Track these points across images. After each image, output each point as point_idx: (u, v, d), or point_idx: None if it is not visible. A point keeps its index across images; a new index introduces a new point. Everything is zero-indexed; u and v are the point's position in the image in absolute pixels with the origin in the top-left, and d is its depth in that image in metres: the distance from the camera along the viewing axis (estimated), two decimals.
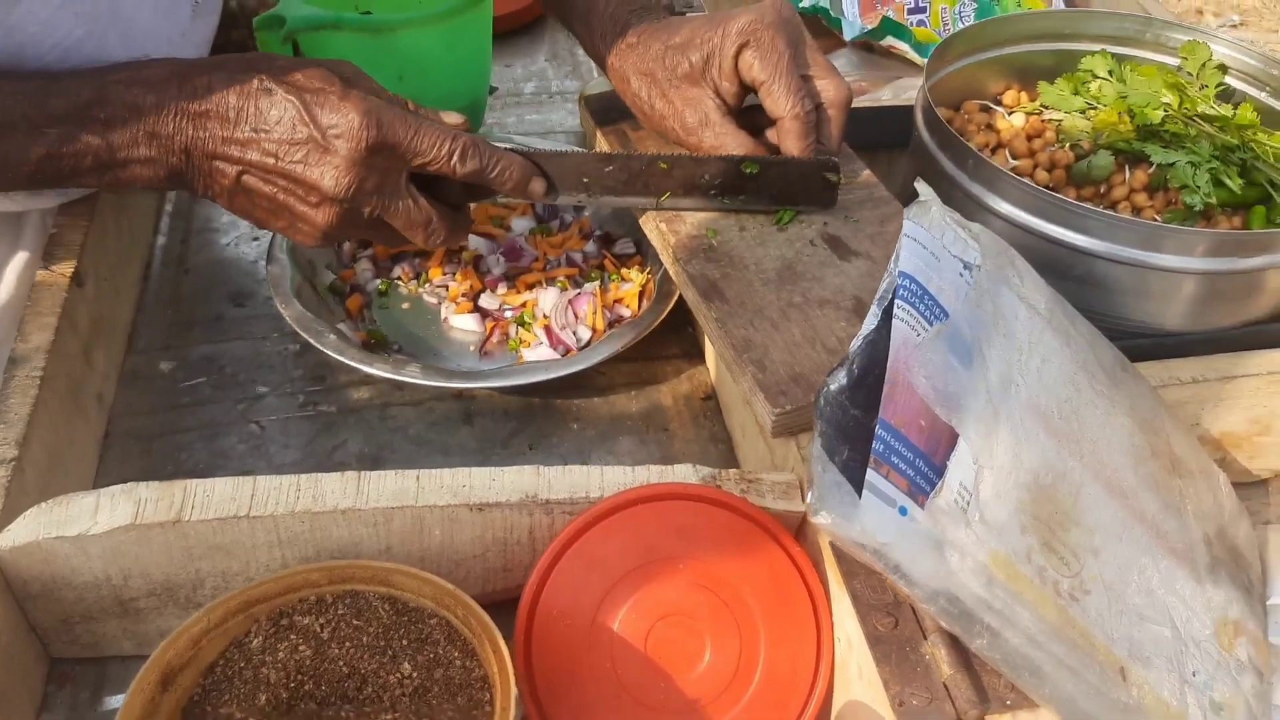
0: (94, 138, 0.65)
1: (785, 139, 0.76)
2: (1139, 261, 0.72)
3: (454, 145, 0.68)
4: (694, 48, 0.76)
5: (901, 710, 0.53)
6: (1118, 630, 0.57)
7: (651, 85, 0.79)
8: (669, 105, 0.79)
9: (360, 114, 0.65)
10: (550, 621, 0.58)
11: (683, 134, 0.79)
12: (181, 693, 0.52)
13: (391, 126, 0.66)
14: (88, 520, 0.57)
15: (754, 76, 0.75)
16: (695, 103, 0.78)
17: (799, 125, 0.75)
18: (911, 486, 0.54)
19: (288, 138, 0.65)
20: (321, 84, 0.66)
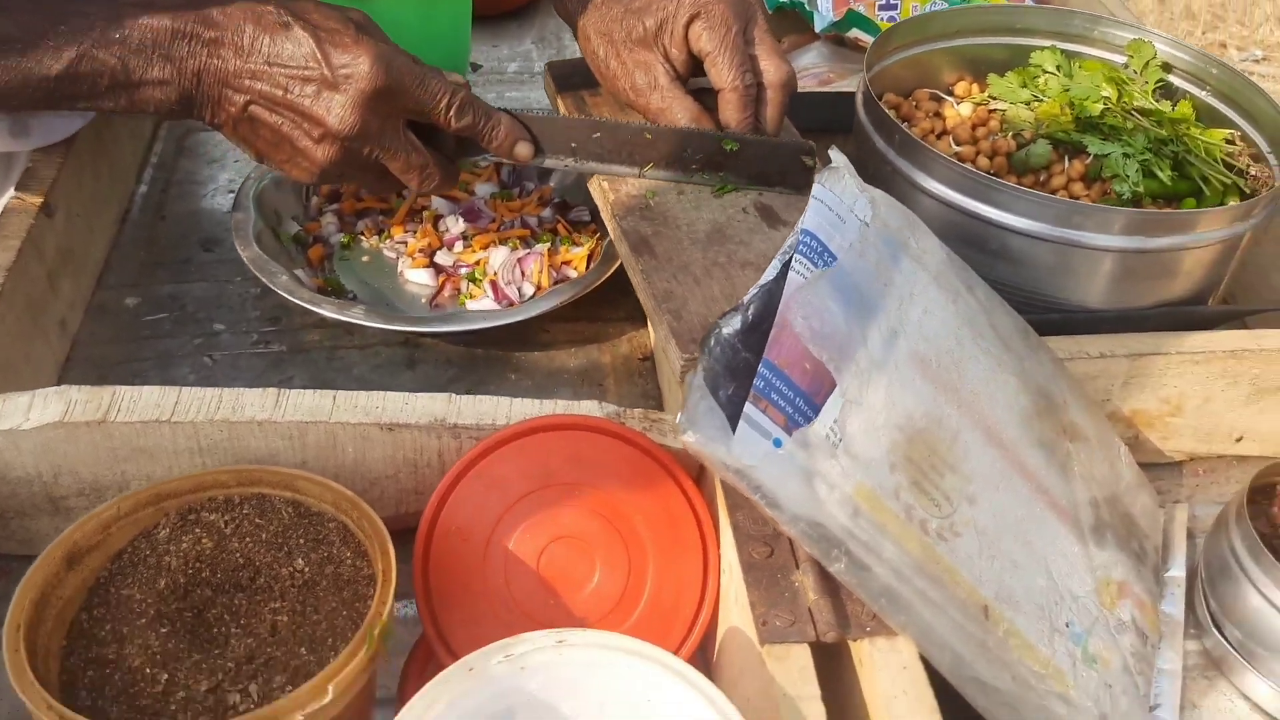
0: (110, 58, 0.67)
1: (725, 110, 0.79)
2: (1058, 238, 0.74)
3: (453, 99, 0.72)
4: (650, 13, 0.80)
5: (764, 630, 0.56)
6: (986, 573, 0.59)
7: (608, 45, 0.83)
8: (622, 66, 0.83)
9: (371, 58, 0.68)
10: (449, 538, 0.61)
11: (632, 95, 0.83)
12: (88, 573, 0.56)
13: (400, 73, 0.70)
14: (20, 416, 0.61)
15: (701, 47, 0.79)
16: (646, 66, 0.82)
17: (737, 97, 0.78)
18: (789, 422, 0.57)
19: (299, 73, 0.69)
20: (337, 25, 0.69)
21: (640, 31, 0.81)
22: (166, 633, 0.54)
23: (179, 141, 1.03)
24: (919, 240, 0.64)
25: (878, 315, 0.58)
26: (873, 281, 0.59)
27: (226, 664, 0.52)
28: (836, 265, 0.58)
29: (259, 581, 0.56)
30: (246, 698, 0.51)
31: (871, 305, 0.58)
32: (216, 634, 0.54)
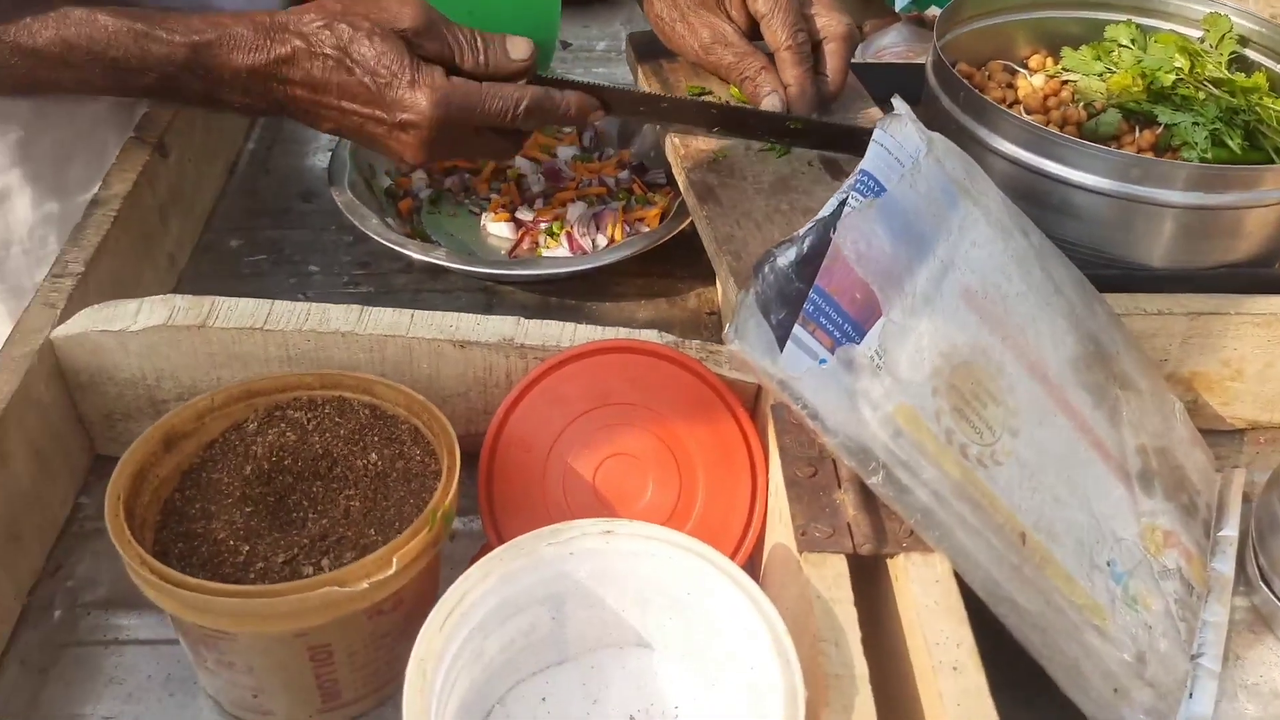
0: (195, 83, 0.74)
1: (782, 69, 0.82)
2: (1119, 193, 0.75)
3: (515, 110, 0.75)
4: None
5: (803, 540, 0.58)
6: (1026, 504, 0.61)
7: (673, 8, 0.87)
8: (689, 28, 0.87)
9: (428, 103, 0.72)
10: (511, 449, 0.65)
11: (702, 54, 0.86)
12: (183, 457, 0.61)
13: (457, 107, 0.73)
14: (129, 319, 0.67)
15: (757, 9, 0.82)
16: (712, 26, 0.85)
17: (792, 55, 0.81)
18: (835, 345, 0.59)
19: (370, 114, 0.74)
20: (393, 65, 0.72)
21: None
22: (250, 512, 0.58)
23: None
24: (974, 182, 0.66)
25: (926, 245, 0.61)
26: (923, 212, 0.61)
27: (302, 540, 0.57)
28: (886, 195, 0.60)
29: (335, 471, 0.60)
30: (319, 570, 0.55)
31: (920, 234, 0.61)
32: (295, 516, 0.59)
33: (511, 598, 0.55)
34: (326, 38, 0.72)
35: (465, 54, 0.75)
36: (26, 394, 0.64)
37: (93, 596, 0.66)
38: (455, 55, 0.75)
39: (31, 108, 0.89)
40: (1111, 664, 0.61)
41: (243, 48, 0.72)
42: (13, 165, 0.90)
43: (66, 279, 0.71)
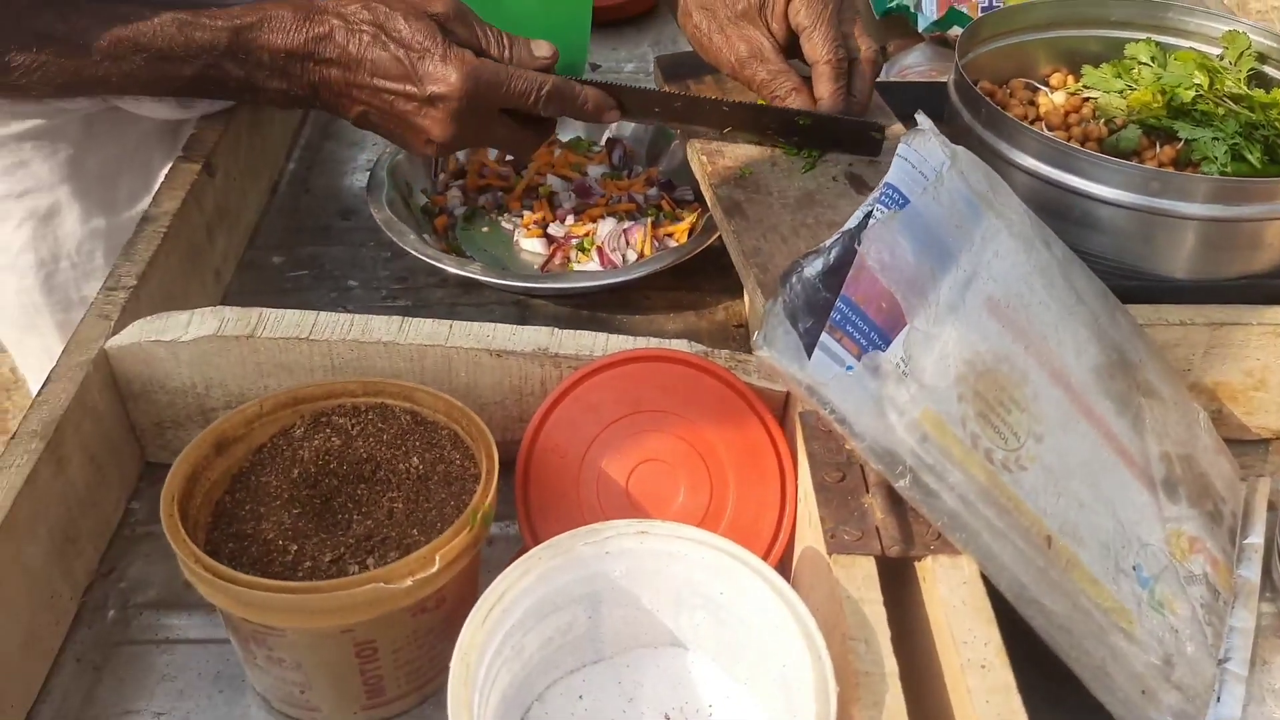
0: (235, 69, 0.78)
1: (819, 82, 0.84)
2: (1140, 206, 0.77)
3: (539, 93, 0.79)
4: None
5: (833, 542, 0.60)
6: (1052, 508, 0.62)
7: (711, 20, 0.89)
8: (725, 39, 0.89)
9: (459, 76, 0.76)
10: (546, 455, 0.67)
11: (738, 67, 0.89)
12: (233, 461, 0.63)
13: (486, 83, 0.77)
14: (180, 330, 0.69)
15: (799, 22, 0.84)
16: (750, 39, 0.87)
17: (831, 70, 0.83)
18: (862, 352, 0.61)
19: (401, 90, 0.77)
20: (424, 39, 0.76)
21: (743, 6, 0.87)
22: (298, 514, 0.61)
23: (324, 127, 1.14)
24: (997, 195, 0.68)
25: (950, 255, 0.62)
26: (946, 223, 0.63)
27: (348, 540, 0.59)
28: (909, 207, 0.62)
29: (379, 475, 0.63)
30: (364, 568, 0.58)
31: (944, 245, 0.62)
32: (340, 518, 0.61)
33: (549, 596, 0.56)
34: (364, 15, 0.76)
35: (492, 45, 0.79)
36: (83, 401, 0.67)
37: (144, 598, 0.68)
38: (483, 44, 0.79)
39: (81, 126, 0.92)
40: (1138, 666, 0.62)
41: (282, 29, 0.76)
42: (62, 182, 0.93)
43: (120, 291, 0.74)
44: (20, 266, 0.95)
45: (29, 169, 0.91)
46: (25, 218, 0.93)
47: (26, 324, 1.00)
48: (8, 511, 0.59)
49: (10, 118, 0.88)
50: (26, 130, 0.90)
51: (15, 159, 0.91)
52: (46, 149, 0.91)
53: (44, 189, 0.92)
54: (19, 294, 0.97)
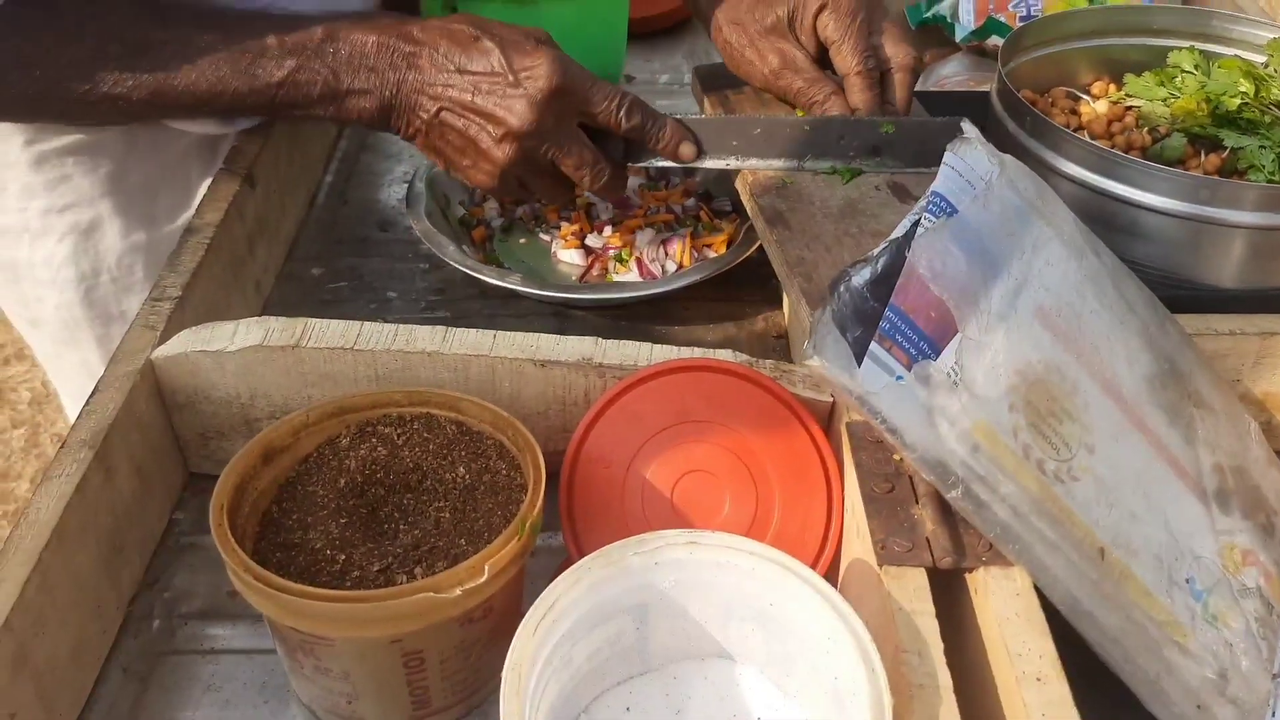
0: (323, 68, 0.78)
1: (851, 93, 0.84)
2: (1188, 214, 0.76)
3: (623, 100, 0.80)
4: (781, 3, 0.86)
5: (883, 553, 0.59)
6: (1104, 519, 0.61)
7: (742, 33, 0.89)
8: (757, 53, 0.89)
9: (550, 61, 0.76)
10: (591, 465, 0.67)
11: (772, 79, 0.88)
12: (279, 471, 0.63)
13: (575, 76, 0.78)
14: (226, 340, 0.70)
15: (827, 35, 0.84)
16: (782, 51, 0.87)
17: (861, 80, 0.83)
18: (911, 362, 0.61)
19: (486, 78, 0.77)
20: (519, 37, 0.78)
21: (772, 20, 0.87)
22: (345, 523, 0.61)
23: (361, 139, 1.14)
24: (1046, 203, 0.67)
25: (1000, 263, 0.62)
26: (997, 232, 0.63)
27: (396, 550, 0.59)
28: (959, 215, 0.62)
29: (425, 484, 0.62)
30: (412, 578, 0.57)
31: (994, 254, 0.62)
32: (387, 527, 0.61)
33: (599, 606, 0.56)
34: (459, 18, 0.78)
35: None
36: (130, 411, 0.67)
37: (189, 608, 0.68)
38: None
39: (123, 141, 0.93)
40: (1193, 680, 0.61)
41: (374, 25, 0.77)
42: (103, 196, 0.94)
43: (165, 302, 0.74)
44: (61, 281, 0.96)
45: (71, 184, 0.92)
46: (67, 232, 0.94)
47: (66, 338, 1.01)
48: (59, 519, 0.59)
49: (54, 133, 0.89)
50: (69, 145, 0.90)
51: (58, 174, 0.91)
52: (88, 164, 0.92)
53: (85, 204, 0.93)
54: (59, 308, 0.98)
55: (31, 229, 0.94)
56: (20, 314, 1.03)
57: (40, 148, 0.90)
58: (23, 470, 2.18)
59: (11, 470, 2.18)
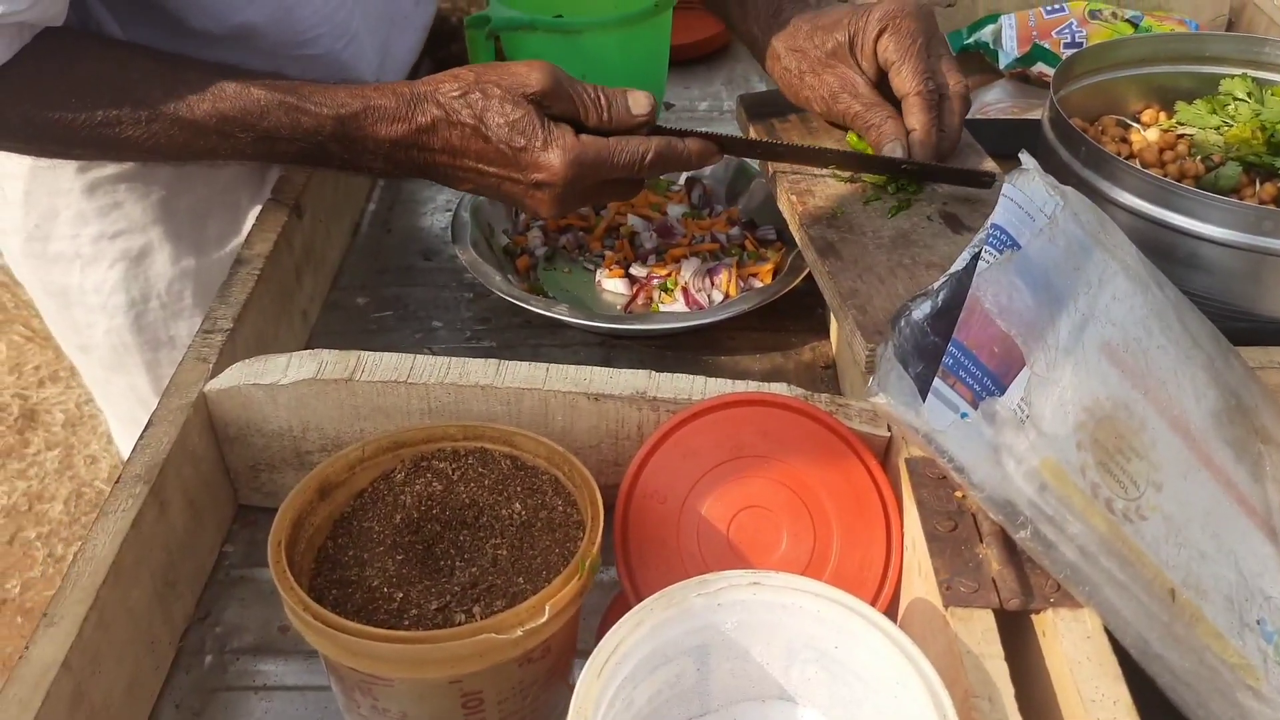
0: (340, 150, 0.78)
1: (909, 114, 0.83)
2: (1247, 245, 0.75)
3: (641, 161, 0.78)
4: (840, 28, 0.86)
5: (948, 594, 0.58)
6: (1174, 559, 0.60)
7: (801, 59, 0.89)
8: (818, 78, 0.88)
9: (562, 163, 0.75)
10: (646, 500, 0.66)
11: (831, 103, 0.88)
12: (335, 506, 0.63)
13: (587, 165, 0.76)
14: (279, 373, 0.69)
15: (888, 57, 0.84)
16: (842, 76, 0.87)
17: (921, 100, 0.82)
18: (976, 399, 0.60)
19: (506, 176, 0.77)
20: (525, 130, 0.75)
21: (832, 45, 0.87)
22: (401, 560, 0.60)
23: None
24: (1109, 235, 0.66)
25: (1066, 298, 0.61)
26: (1062, 266, 0.62)
27: (453, 588, 0.58)
28: (1023, 250, 0.61)
29: (481, 520, 0.62)
30: (470, 617, 0.57)
31: (1060, 288, 0.61)
32: (444, 564, 0.60)
33: (661, 647, 0.55)
34: (463, 107, 0.75)
35: (590, 111, 0.78)
36: (183, 445, 0.67)
37: (240, 643, 0.68)
38: (581, 113, 0.78)
39: (174, 169, 0.93)
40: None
41: (386, 119, 0.76)
42: (154, 223, 0.94)
43: (216, 335, 0.74)
44: (111, 307, 0.97)
45: (122, 210, 0.93)
46: (118, 258, 0.95)
47: (115, 363, 1.01)
48: (116, 556, 0.58)
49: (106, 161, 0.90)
50: (121, 172, 0.91)
51: (110, 200, 0.92)
52: (140, 190, 0.92)
53: (137, 230, 0.94)
54: (108, 334, 0.99)
55: (83, 255, 0.95)
56: (70, 339, 1.03)
57: (93, 175, 0.91)
58: (56, 492, 2.19)
59: (46, 492, 2.19)
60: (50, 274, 0.98)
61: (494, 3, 1.03)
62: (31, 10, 0.69)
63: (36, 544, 2.08)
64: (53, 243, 0.95)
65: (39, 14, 0.70)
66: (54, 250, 0.95)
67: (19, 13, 0.68)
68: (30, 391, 2.39)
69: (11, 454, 2.26)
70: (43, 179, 0.92)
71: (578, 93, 0.78)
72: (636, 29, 1.03)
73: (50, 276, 0.98)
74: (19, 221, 0.95)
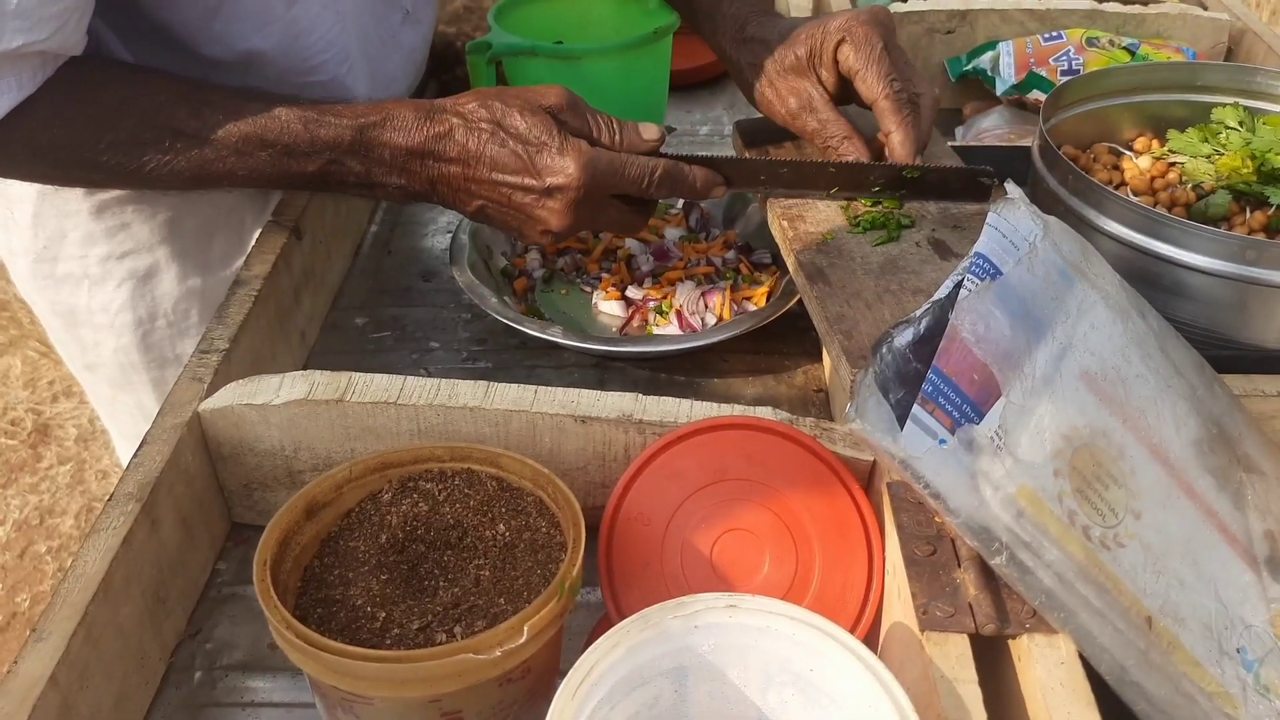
0: (356, 165, 0.80)
1: (882, 118, 0.84)
2: (1234, 275, 0.75)
3: (650, 178, 0.80)
4: (799, 43, 0.87)
5: (925, 618, 0.58)
6: (1152, 587, 0.60)
7: (761, 75, 0.90)
8: (775, 93, 0.89)
9: (577, 165, 0.77)
10: (631, 522, 0.67)
11: (789, 118, 0.89)
12: (322, 526, 0.64)
13: (601, 173, 0.78)
14: (272, 393, 0.71)
15: (849, 66, 0.85)
16: (799, 91, 0.88)
17: (890, 103, 0.83)
18: (954, 425, 0.60)
19: (519, 184, 0.78)
20: (541, 133, 0.78)
21: (791, 59, 0.88)
22: (385, 580, 0.61)
23: None
24: (1091, 264, 0.67)
25: (1045, 327, 0.62)
26: (1041, 295, 0.62)
27: (435, 608, 0.59)
28: (1003, 278, 0.61)
29: (465, 541, 0.63)
30: (451, 637, 0.58)
31: (1038, 317, 0.62)
32: (427, 584, 0.61)
33: (637, 669, 0.56)
34: (481, 113, 0.78)
35: (602, 131, 0.80)
36: (176, 464, 0.68)
37: (230, 659, 0.69)
38: (593, 132, 0.80)
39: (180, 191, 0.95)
40: None
41: (404, 127, 0.78)
42: (161, 243, 0.96)
43: (212, 355, 0.75)
44: (118, 325, 0.98)
45: (130, 231, 0.94)
46: (125, 278, 0.96)
47: (122, 381, 1.03)
48: (105, 573, 0.60)
49: None
50: (129, 194, 0.93)
51: (118, 221, 0.94)
52: (147, 211, 0.94)
53: (144, 250, 0.96)
54: (116, 352, 1.00)
55: (91, 275, 0.96)
56: (77, 358, 1.05)
57: (101, 196, 0.93)
58: (68, 506, 2.21)
59: (57, 506, 2.21)
60: (58, 294, 1.00)
61: (495, 28, 1.04)
62: (52, 40, 0.71)
63: (47, 558, 2.10)
64: (61, 263, 0.97)
65: (59, 43, 0.72)
66: (62, 271, 0.97)
67: (40, 42, 0.70)
68: (44, 406, 2.42)
69: (24, 468, 2.28)
70: (51, 201, 0.94)
71: (591, 114, 0.81)
72: (637, 55, 1.05)
73: (58, 296, 1.00)
74: (28, 243, 0.96)
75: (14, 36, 0.68)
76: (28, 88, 0.72)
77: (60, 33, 0.71)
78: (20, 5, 0.67)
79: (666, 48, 1.09)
